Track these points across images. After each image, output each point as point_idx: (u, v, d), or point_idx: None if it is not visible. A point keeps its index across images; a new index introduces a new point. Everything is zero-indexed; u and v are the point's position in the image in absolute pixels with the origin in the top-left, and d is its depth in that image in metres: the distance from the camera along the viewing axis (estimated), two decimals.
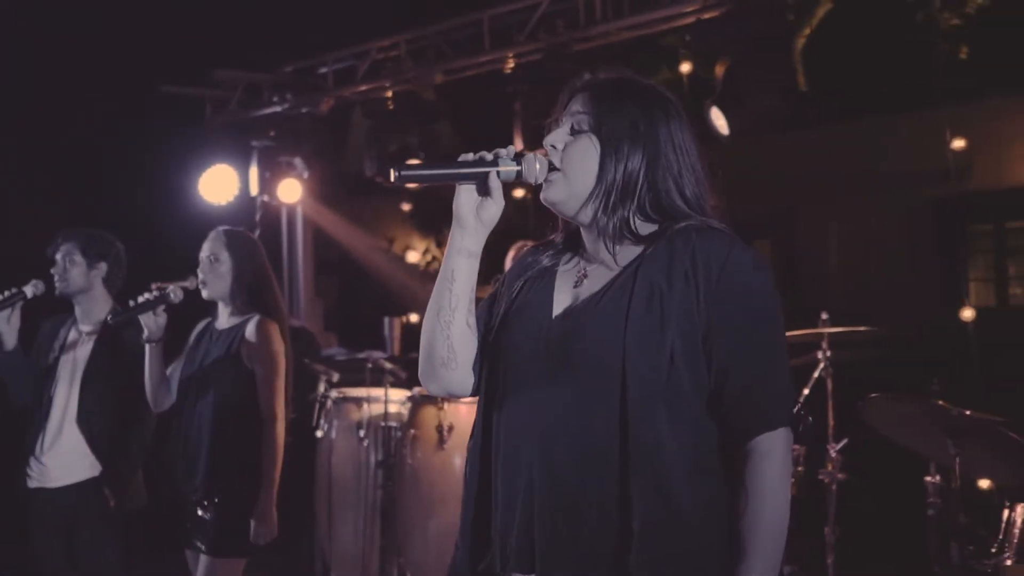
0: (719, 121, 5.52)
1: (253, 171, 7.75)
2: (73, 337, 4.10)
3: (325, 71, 7.64)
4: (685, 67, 6.07)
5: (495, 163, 1.93)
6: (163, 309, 3.61)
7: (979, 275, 8.38)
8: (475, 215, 1.96)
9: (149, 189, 7.14)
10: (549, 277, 2.05)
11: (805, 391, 4.60)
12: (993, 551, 3.13)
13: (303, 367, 5.33)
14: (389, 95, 7.23)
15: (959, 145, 6.68)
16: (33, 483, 3.97)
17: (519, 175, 1.94)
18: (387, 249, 10.76)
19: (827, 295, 7.12)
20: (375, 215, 10.41)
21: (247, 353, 3.69)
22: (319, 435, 5.45)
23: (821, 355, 4.63)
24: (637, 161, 1.93)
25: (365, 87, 7.42)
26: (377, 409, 5.33)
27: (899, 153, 7.89)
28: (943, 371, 4.21)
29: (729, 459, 1.86)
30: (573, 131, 1.97)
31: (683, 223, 1.92)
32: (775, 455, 1.84)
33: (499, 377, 1.98)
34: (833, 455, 4.68)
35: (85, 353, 4.03)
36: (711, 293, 1.83)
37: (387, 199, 10.08)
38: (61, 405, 3.98)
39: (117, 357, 3.98)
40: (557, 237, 2.11)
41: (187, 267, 3.80)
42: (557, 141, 1.97)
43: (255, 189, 7.78)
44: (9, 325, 3.97)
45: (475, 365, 2.04)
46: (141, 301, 3.59)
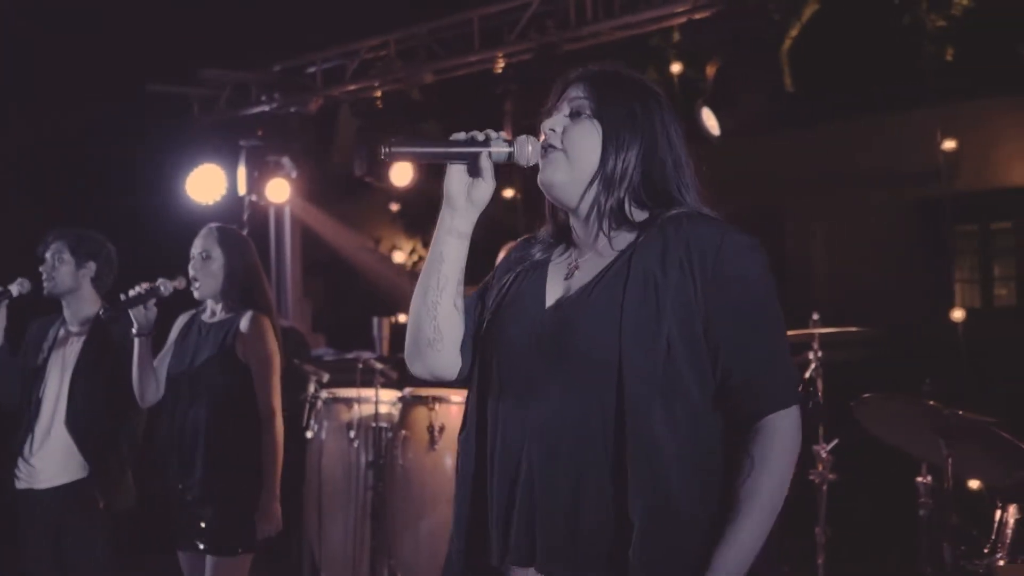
0: (710, 121, 5.53)
1: (241, 171, 7.70)
2: (62, 337, 4.07)
3: (314, 70, 7.61)
4: (675, 67, 6.08)
5: (487, 143, 1.93)
6: (154, 303, 3.62)
7: (964, 276, 8.42)
8: (466, 195, 1.96)
9: (136, 189, 7.10)
10: (541, 269, 2.04)
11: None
12: (985, 551, 3.14)
13: (293, 367, 5.31)
14: (378, 95, 7.20)
15: (945, 146, 6.71)
16: (21, 484, 3.94)
17: (511, 156, 1.94)
18: (373, 249, 10.74)
19: (813, 295, 7.13)
20: (362, 215, 10.38)
21: (242, 348, 3.67)
22: (309, 436, 5.42)
23: (812, 355, 4.64)
24: (636, 148, 1.95)
25: (354, 87, 7.40)
26: (368, 410, 5.31)
27: (885, 153, 7.92)
28: (932, 372, 4.22)
29: (732, 448, 1.85)
30: (572, 115, 1.98)
31: (674, 211, 1.93)
32: (785, 432, 1.83)
33: (492, 370, 1.97)
34: (824, 455, 4.69)
35: (74, 353, 4.00)
36: (708, 281, 1.83)
37: (375, 199, 10.04)
38: (50, 406, 3.95)
39: (106, 356, 3.95)
40: (545, 231, 2.10)
41: (174, 267, 3.77)
42: (556, 125, 1.97)
43: (243, 189, 7.73)
44: None
45: (463, 347, 2.03)
46: (133, 295, 3.59)
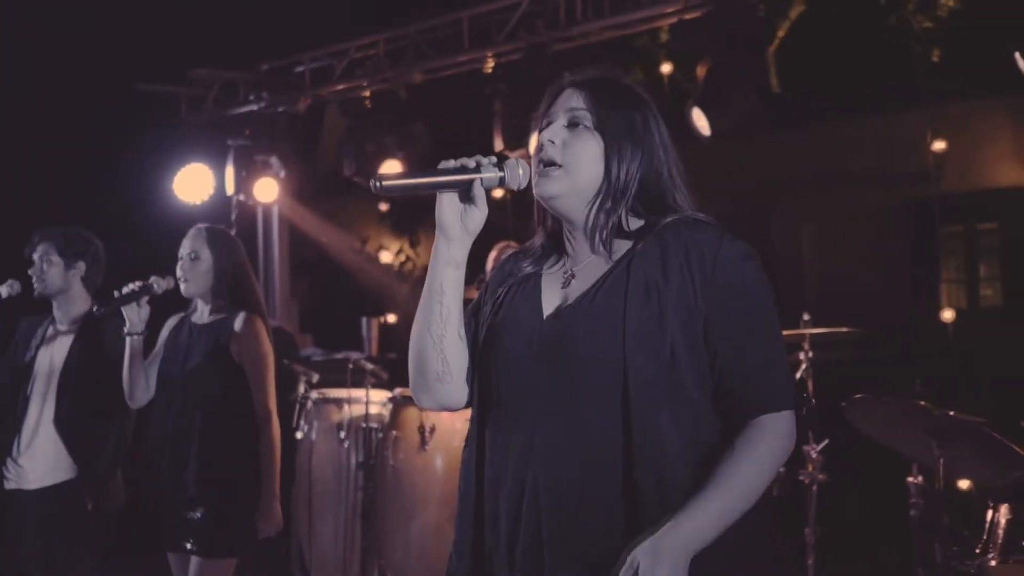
0: (700, 122, 5.53)
1: (229, 170, 7.69)
2: (51, 336, 4.04)
3: (302, 70, 7.59)
4: (666, 68, 6.08)
5: (478, 170, 1.90)
6: (146, 301, 3.60)
7: (951, 277, 8.45)
8: (460, 224, 1.93)
9: (123, 188, 7.05)
10: (534, 281, 2.03)
11: None
12: (977, 551, 3.14)
13: (282, 368, 5.28)
14: (367, 95, 7.19)
15: (931, 147, 6.73)
16: (10, 485, 3.92)
17: (502, 181, 1.92)
18: (359, 249, 10.72)
19: (802, 295, 7.15)
20: (350, 215, 10.36)
21: (236, 349, 3.66)
22: (299, 436, 5.41)
23: (803, 356, 4.65)
24: (637, 160, 1.94)
25: (342, 86, 7.38)
26: (358, 410, 5.30)
27: (875, 154, 7.94)
28: (922, 372, 4.23)
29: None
30: (570, 126, 1.96)
31: (670, 217, 1.93)
32: (777, 431, 1.83)
33: (492, 385, 1.96)
34: (814, 456, 4.70)
35: (63, 352, 3.97)
36: (707, 286, 1.84)
37: (363, 199, 10.02)
38: (38, 406, 3.93)
39: (95, 356, 3.93)
40: (535, 242, 2.09)
41: (162, 267, 3.75)
42: (555, 136, 1.95)
43: (231, 188, 7.72)
44: None
45: (468, 376, 2.02)
46: (126, 292, 3.58)
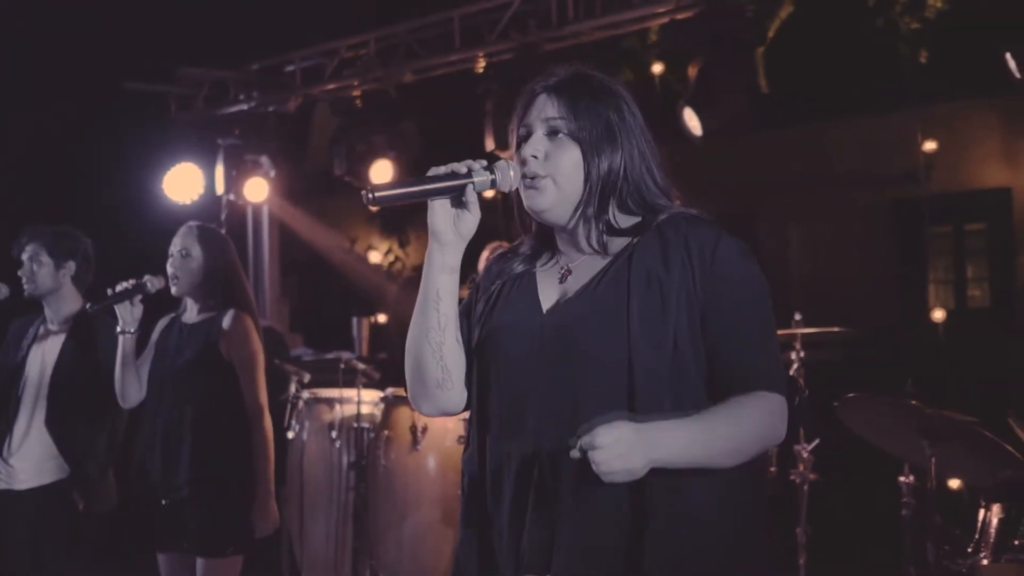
0: (692, 122, 5.53)
1: (219, 170, 7.65)
2: (42, 335, 4.02)
3: (292, 69, 7.57)
4: (657, 68, 6.08)
5: (469, 175, 1.89)
6: (139, 299, 3.59)
7: (939, 277, 8.48)
8: (453, 229, 1.92)
9: (113, 187, 7.03)
10: (528, 279, 2.02)
11: None
12: (969, 551, 3.15)
13: (273, 368, 5.27)
14: (358, 94, 7.17)
15: (921, 147, 6.76)
16: (0, 485, 3.89)
17: (494, 184, 1.91)
18: (348, 249, 10.70)
19: (791, 295, 7.17)
20: (339, 214, 10.34)
21: (226, 347, 3.64)
22: (290, 436, 5.38)
23: (795, 356, 4.66)
24: (617, 159, 1.93)
25: (333, 85, 7.35)
26: (349, 410, 5.28)
27: (864, 155, 7.97)
28: (912, 372, 4.25)
29: None
30: (549, 135, 1.94)
31: (667, 213, 1.93)
32: (767, 407, 1.81)
33: (491, 384, 1.95)
34: (805, 455, 4.71)
35: (54, 352, 3.96)
36: (706, 278, 1.85)
37: (353, 198, 9.97)
38: (29, 406, 3.91)
39: (87, 356, 3.91)
40: (525, 243, 2.08)
41: (151, 266, 3.74)
42: (537, 150, 1.94)
43: (221, 188, 7.69)
44: None
45: (466, 381, 2.01)
46: (119, 290, 3.56)
